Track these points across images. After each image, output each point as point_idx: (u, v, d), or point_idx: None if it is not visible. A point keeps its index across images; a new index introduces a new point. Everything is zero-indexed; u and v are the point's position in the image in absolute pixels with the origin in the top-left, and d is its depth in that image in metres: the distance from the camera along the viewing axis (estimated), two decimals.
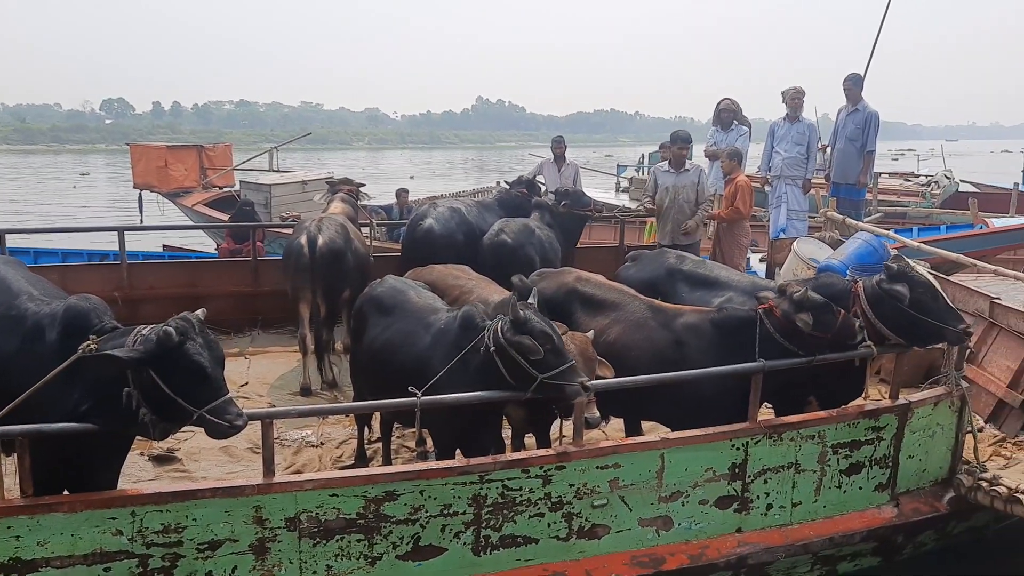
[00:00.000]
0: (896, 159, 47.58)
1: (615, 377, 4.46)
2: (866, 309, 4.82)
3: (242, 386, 6.91)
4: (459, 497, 4.10)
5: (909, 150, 58.75)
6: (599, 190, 17.99)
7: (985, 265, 7.52)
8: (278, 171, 16.81)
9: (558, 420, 4.80)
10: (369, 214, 10.53)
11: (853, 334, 4.48)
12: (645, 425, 5.37)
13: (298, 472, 5.42)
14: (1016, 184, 16.76)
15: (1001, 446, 5.61)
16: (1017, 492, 4.79)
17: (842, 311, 4.50)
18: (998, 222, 11.84)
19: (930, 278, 4.81)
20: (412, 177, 45.33)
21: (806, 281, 5.09)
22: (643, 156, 20.52)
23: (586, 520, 4.33)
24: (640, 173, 17.98)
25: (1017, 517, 4.85)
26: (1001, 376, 6.09)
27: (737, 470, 4.57)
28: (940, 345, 5.05)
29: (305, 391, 6.84)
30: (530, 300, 4.37)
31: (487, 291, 5.39)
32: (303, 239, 6.75)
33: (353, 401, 5.57)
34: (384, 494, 4.00)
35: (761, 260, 9.31)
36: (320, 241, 6.71)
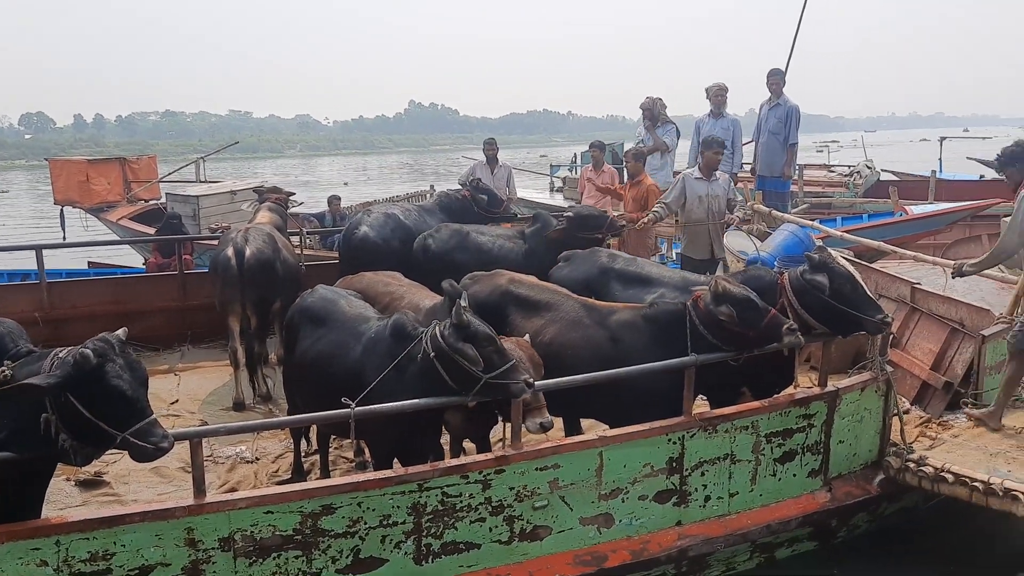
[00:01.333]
0: (820, 151, 48.75)
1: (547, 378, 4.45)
2: (792, 300, 4.92)
3: (172, 403, 6.74)
4: (398, 507, 4.06)
5: (833, 142, 60.20)
6: (533, 190, 18.05)
7: (905, 252, 7.77)
8: (206, 182, 16.45)
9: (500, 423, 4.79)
10: (301, 222, 10.38)
11: (779, 336, 4.51)
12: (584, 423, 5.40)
13: (233, 490, 5.30)
14: (933, 172, 17.31)
15: (927, 427, 5.77)
16: (943, 471, 4.95)
17: (772, 310, 4.54)
18: (916, 209, 12.22)
19: (850, 268, 4.93)
20: (346, 183, 44.86)
21: (736, 274, 5.18)
22: (575, 155, 20.64)
23: (527, 522, 4.32)
24: (573, 172, 18.07)
25: (944, 495, 5.01)
26: (924, 359, 6.29)
27: (674, 464, 4.62)
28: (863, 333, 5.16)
29: (238, 406, 6.71)
30: (462, 303, 4.34)
31: (418, 297, 5.35)
32: (230, 251, 6.61)
33: (288, 414, 5.47)
34: (321, 508, 3.93)
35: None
36: (247, 252, 6.58)
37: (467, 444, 5.26)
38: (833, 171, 19.63)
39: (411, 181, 44.50)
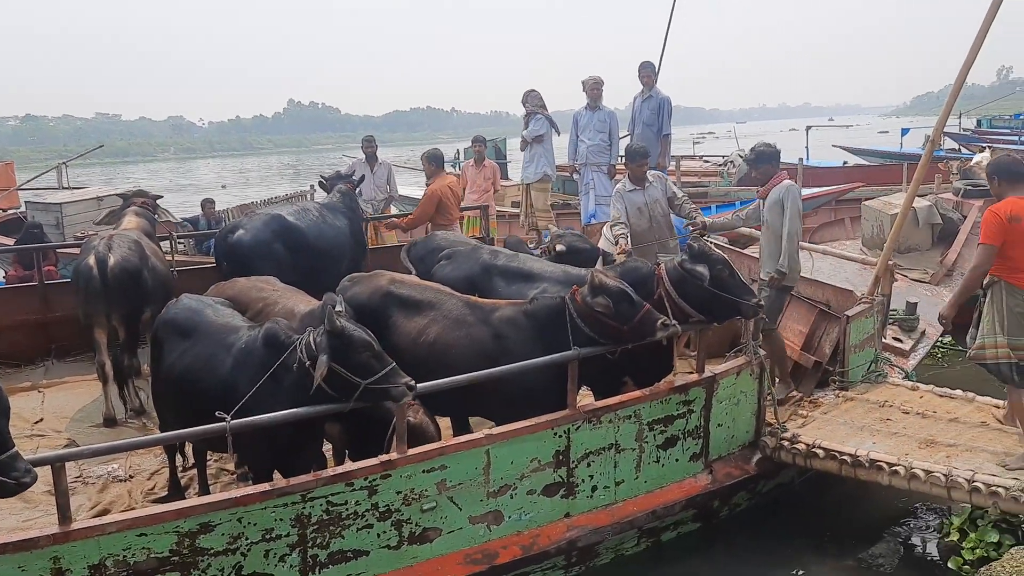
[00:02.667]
0: (698, 142, 50.40)
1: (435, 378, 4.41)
2: (670, 290, 5.03)
3: (36, 423, 6.35)
4: (281, 519, 3.94)
5: (709, 133, 62.40)
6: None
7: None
8: (70, 188, 15.55)
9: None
10: (176, 227, 9.95)
11: (653, 331, 4.55)
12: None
13: (105, 511, 5.04)
14: (800, 159, 18.11)
15: (799, 405, 6.04)
16: (814, 447, 5.19)
17: (647, 305, 4.60)
18: None
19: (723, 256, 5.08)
20: (224, 186, 43.40)
21: (615, 266, 5.25)
22: (458, 151, 20.60)
23: (416, 525, 4.27)
24: (456, 168, 18.03)
25: (817, 469, 5.25)
26: (795, 340, 6.56)
27: (561, 457, 4.65)
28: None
29: (109, 422, 6.36)
30: (338, 308, 4.23)
31: (293, 302, 5.19)
32: (91, 260, 6.24)
33: (160, 430, 5.22)
34: (198, 527, 3.78)
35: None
36: (111, 261, 6.23)
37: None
38: (708, 161, 20.29)
39: (294, 182, 43.44)
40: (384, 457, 4.20)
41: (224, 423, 3.83)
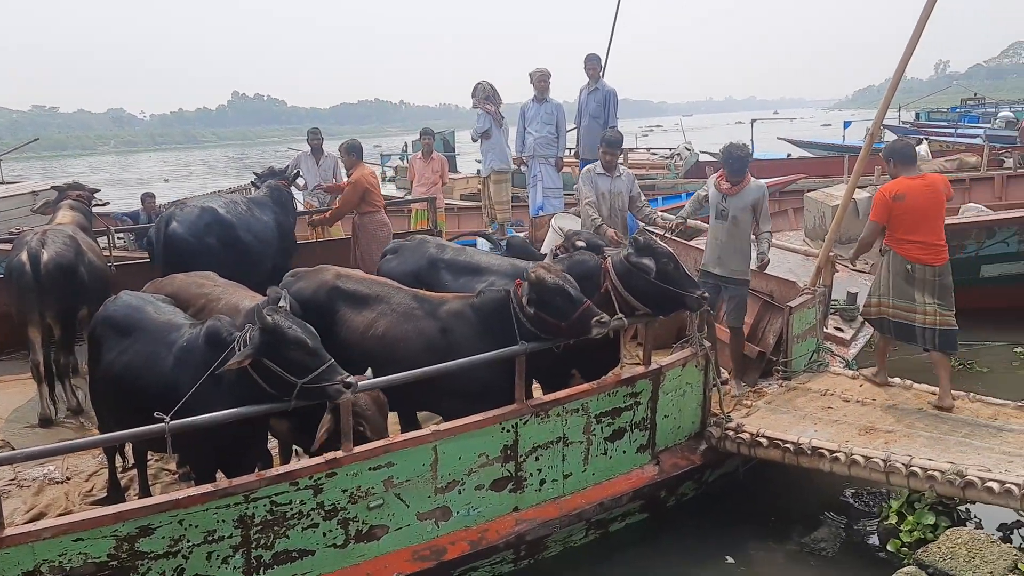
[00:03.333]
0: (646, 135, 50.85)
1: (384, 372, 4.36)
2: (616, 284, 5.04)
3: None
4: (224, 521, 3.86)
5: (657, 126, 63.03)
6: None
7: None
8: (5, 183, 15.09)
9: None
10: (116, 220, 9.71)
11: (588, 329, 4.49)
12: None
13: (40, 515, 4.90)
14: None
15: (744, 395, 6.12)
16: (758, 436, 5.27)
17: (587, 302, 4.56)
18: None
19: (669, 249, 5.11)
20: (167, 180, 42.53)
21: (562, 259, 5.25)
22: (406, 144, 20.47)
23: (363, 523, 4.23)
24: (404, 161, 17.91)
25: (761, 458, 5.33)
26: None
27: (509, 452, 4.64)
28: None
29: (45, 422, 6.19)
30: (281, 303, 4.16)
31: (237, 297, 5.08)
32: (23, 256, 6.04)
33: (99, 430, 5.09)
34: (138, 530, 3.68)
35: (524, 239, 9.58)
36: (45, 256, 6.04)
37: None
38: (655, 154, 20.46)
39: (238, 175, 42.72)
40: (329, 455, 4.14)
41: (163, 424, 3.74)
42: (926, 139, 22.19)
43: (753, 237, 6.24)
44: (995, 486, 4.40)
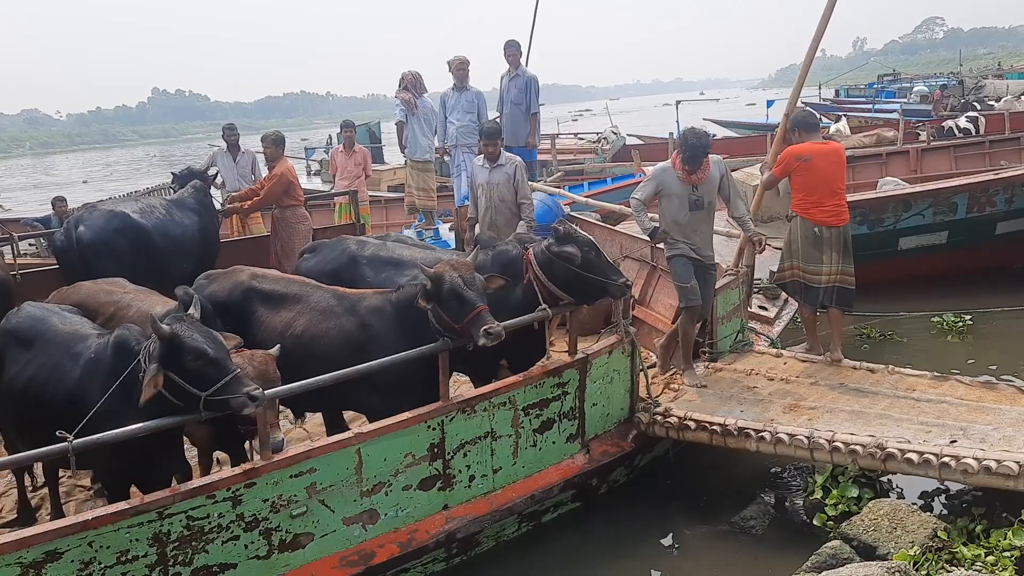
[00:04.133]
0: (576, 119, 51.09)
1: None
2: (539, 274, 4.99)
3: None
4: (137, 540, 3.70)
5: (586, 110, 63.32)
6: None
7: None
8: None
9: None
10: (24, 227, 9.30)
11: (475, 336, 4.36)
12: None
13: None
14: (671, 133, 18.53)
15: (672, 378, 6.15)
16: (686, 420, 5.30)
17: (480, 308, 4.43)
18: (652, 169, 12.95)
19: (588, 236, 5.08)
20: (86, 181, 41.13)
21: (482, 251, 5.18)
22: (330, 137, 20.12)
23: (287, 532, 4.10)
24: (329, 155, 17.61)
25: (689, 440, 5.36)
26: (666, 314, 6.69)
27: (436, 449, 4.57)
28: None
29: None
30: (191, 310, 4.00)
31: (148, 303, 4.89)
32: None
33: (4, 447, 4.85)
34: (44, 555, 3.50)
35: (450, 229, 9.50)
36: None
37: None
38: (583, 138, 20.52)
39: (163, 174, 41.52)
40: (247, 465, 4.01)
41: (66, 444, 3.56)
42: (845, 115, 22.76)
43: (731, 220, 6.28)
44: (914, 457, 4.49)
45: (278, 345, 4.32)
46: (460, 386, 5.46)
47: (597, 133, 19.82)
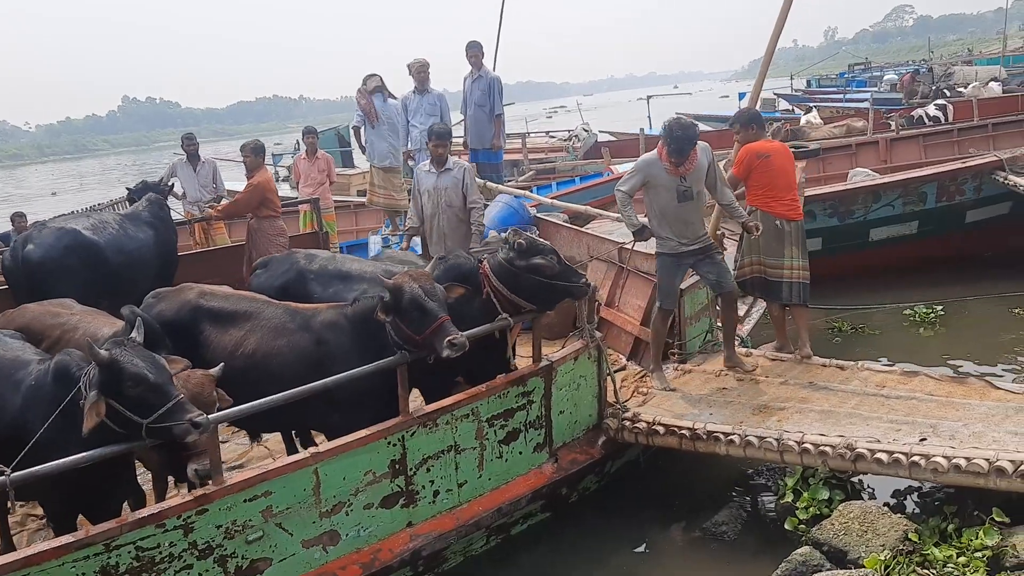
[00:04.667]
0: (550, 116, 51.02)
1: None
2: (498, 287, 4.85)
3: None
4: (84, 574, 3.55)
5: (560, 107, 63.27)
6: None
7: (608, 214, 8.10)
8: None
9: None
10: None
11: (439, 348, 4.23)
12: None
13: None
14: (642, 129, 18.46)
15: (641, 381, 6.06)
16: (655, 425, 5.21)
17: (443, 319, 4.30)
18: (622, 167, 12.89)
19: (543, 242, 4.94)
20: (55, 193, 40.54)
21: (438, 262, 5.05)
22: (297, 142, 19.84)
23: (243, 558, 3.97)
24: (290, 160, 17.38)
25: (659, 446, 5.27)
26: (634, 315, 6.59)
27: (398, 466, 4.45)
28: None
29: None
30: (134, 332, 3.85)
31: (95, 325, 4.72)
32: None
33: None
34: None
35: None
36: None
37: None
38: (554, 136, 20.41)
39: (135, 184, 40.96)
40: (198, 491, 3.87)
41: (3, 477, 3.41)
42: (816, 107, 22.80)
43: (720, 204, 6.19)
44: (884, 457, 4.42)
45: (221, 364, 4.17)
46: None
47: (568, 131, 19.69)
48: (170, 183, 8.44)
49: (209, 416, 3.63)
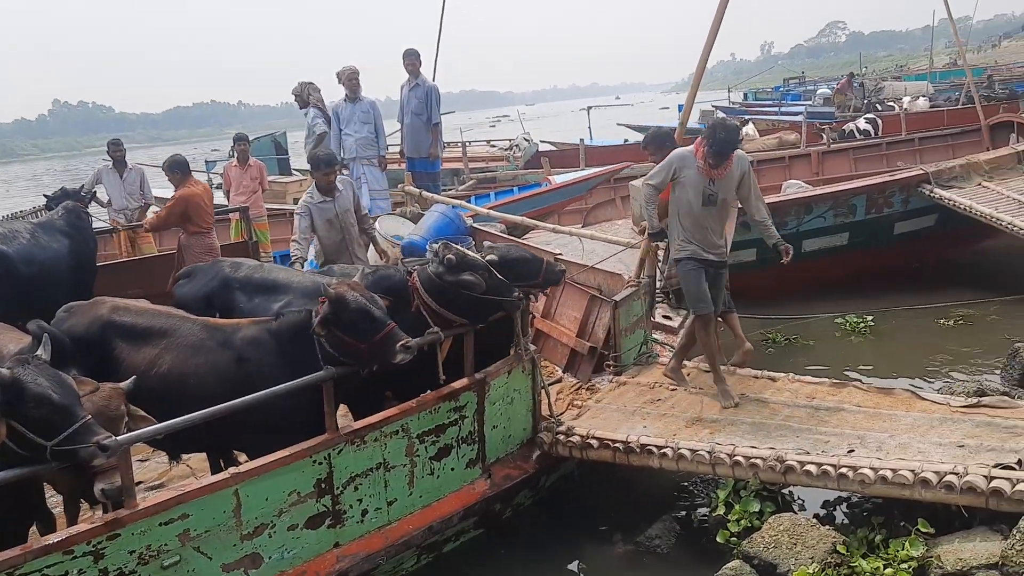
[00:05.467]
0: (493, 125, 51.04)
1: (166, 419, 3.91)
2: (428, 301, 4.75)
3: None
4: None
5: (504, 116, 63.45)
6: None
7: (544, 225, 8.07)
8: None
9: None
10: None
11: (390, 353, 4.17)
12: None
13: None
14: (582, 139, 18.57)
15: (577, 393, 6.02)
16: (588, 438, 5.16)
17: (391, 324, 4.23)
18: (560, 178, 12.94)
19: (477, 256, 4.84)
20: None
21: (367, 275, 4.92)
22: (232, 149, 19.41)
23: None
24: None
25: (593, 459, 5.22)
26: (570, 327, 6.55)
27: (324, 485, 4.31)
28: None
29: None
30: (40, 349, 3.65)
31: (2, 341, 4.49)
32: None
33: None
34: None
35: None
36: None
37: None
38: (495, 146, 20.40)
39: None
40: (109, 516, 3.69)
41: None
42: (752, 119, 23.21)
43: (746, 218, 5.84)
44: (813, 469, 4.44)
45: (133, 377, 3.98)
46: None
47: (509, 140, 19.70)
48: (92, 190, 8.12)
49: (119, 438, 3.46)
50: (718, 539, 4.68)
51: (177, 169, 7.79)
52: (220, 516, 3.95)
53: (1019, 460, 4.15)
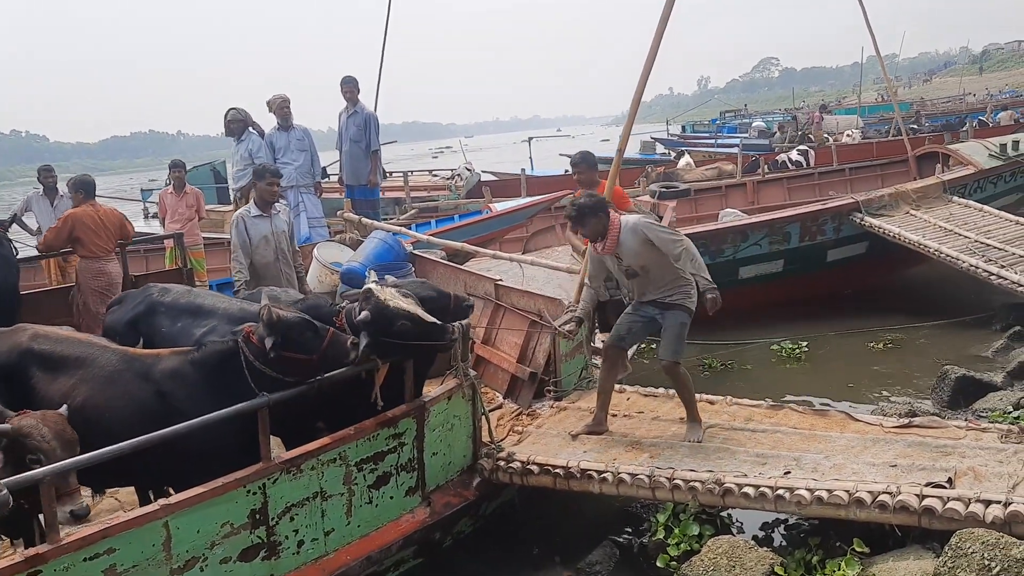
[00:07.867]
0: (436, 156, 51.19)
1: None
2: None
3: None
4: None
5: (447, 147, 63.67)
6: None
7: (484, 251, 8.09)
8: None
9: None
10: None
11: (345, 352, 4.19)
12: None
13: None
14: (523, 170, 18.75)
15: (518, 419, 6.00)
16: (529, 464, 5.13)
17: (331, 330, 4.22)
18: (500, 206, 13.04)
19: (405, 305, 4.52)
20: None
21: (295, 304, 4.84)
22: (169, 177, 19.12)
23: None
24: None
25: (533, 485, 5.19)
26: (511, 352, 6.54)
27: (258, 516, 4.19)
28: None
29: None
30: None
31: None
32: None
33: None
34: None
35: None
36: None
37: None
38: (437, 175, 20.46)
39: None
40: (30, 552, 3.53)
41: None
42: (689, 151, 23.74)
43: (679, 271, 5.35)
44: (751, 491, 4.48)
45: (66, 404, 3.84)
46: None
47: (451, 170, 19.78)
48: (12, 216, 7.84)
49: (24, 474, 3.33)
50: (658, 563, 4.67)
51: (80, 188, 7.52)
52: (149, 550, 3.80)
53: (949, 479, 4.25)
